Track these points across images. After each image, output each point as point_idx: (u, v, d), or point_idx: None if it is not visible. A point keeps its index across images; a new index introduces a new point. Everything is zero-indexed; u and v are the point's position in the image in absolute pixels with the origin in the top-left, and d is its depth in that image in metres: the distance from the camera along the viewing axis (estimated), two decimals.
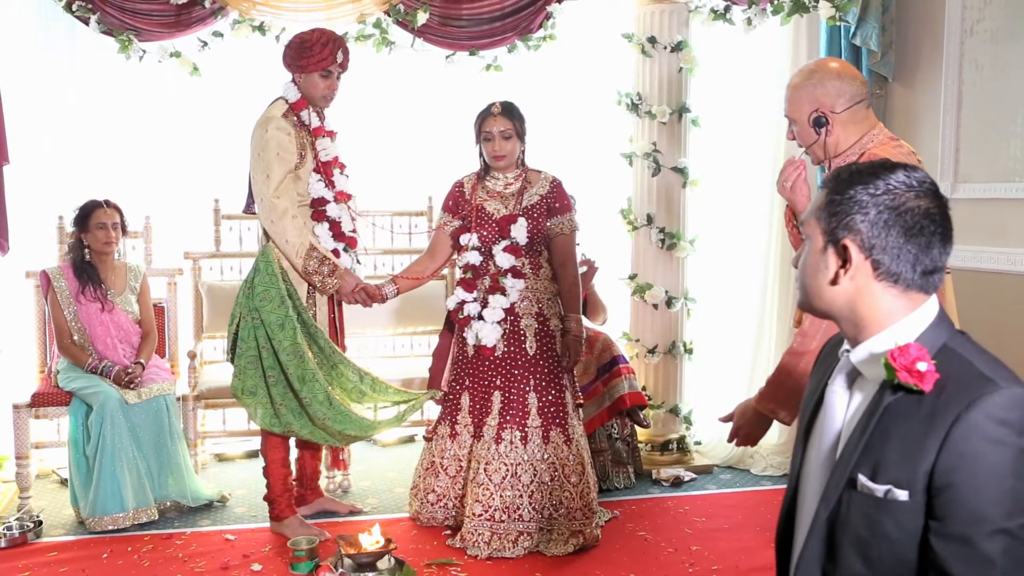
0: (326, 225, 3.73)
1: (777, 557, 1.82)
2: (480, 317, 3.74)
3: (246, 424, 4.74)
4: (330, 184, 3.72)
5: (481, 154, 3.82)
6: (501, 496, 3.62)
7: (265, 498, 3.84)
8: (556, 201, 3.80)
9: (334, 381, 3.68)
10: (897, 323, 1.55)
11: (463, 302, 3.78)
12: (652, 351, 4.75)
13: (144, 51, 4.53)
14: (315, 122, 3.73)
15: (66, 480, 4.18)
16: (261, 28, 4.55)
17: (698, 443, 4.91)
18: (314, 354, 3.64)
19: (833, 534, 1.57)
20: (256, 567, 3.51)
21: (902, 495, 1.46)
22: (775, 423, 3.15)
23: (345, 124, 5.04)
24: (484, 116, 3.76)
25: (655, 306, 4.72)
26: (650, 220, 4.69)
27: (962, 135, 4.38)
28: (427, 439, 3.95)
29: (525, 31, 4.70)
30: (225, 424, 4.77)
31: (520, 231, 3.71)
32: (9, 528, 3.76)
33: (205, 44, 4.59)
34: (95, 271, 4.18)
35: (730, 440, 2.64)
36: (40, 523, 3.86)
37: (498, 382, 3.75)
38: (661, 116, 4.61)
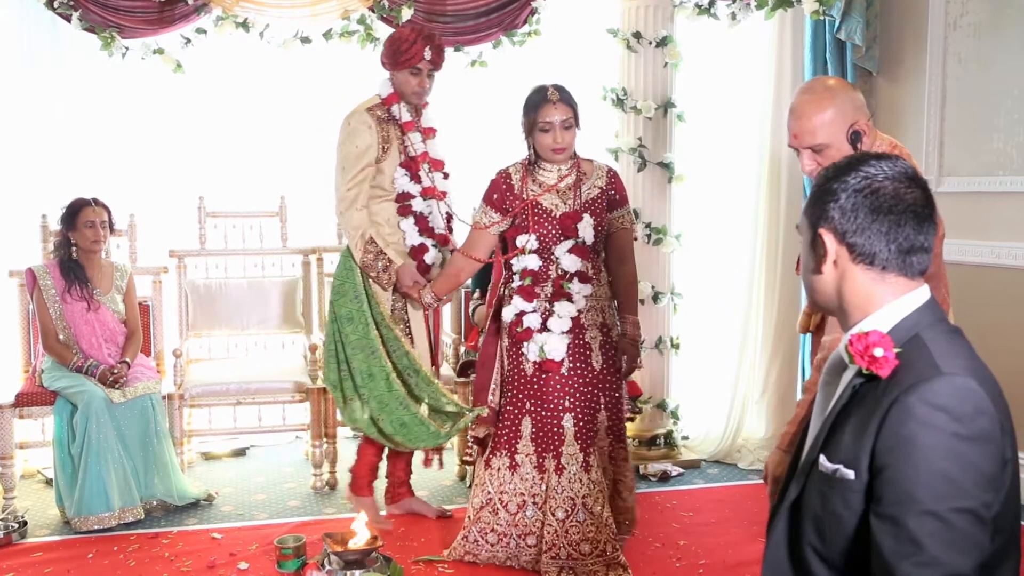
0: (411, 220, 3.68)
1: None
2: (545, 328, 3.34)
3: (232, 422, 4.76)
4: (416, 179, 3.67)
5: (531, 146, 3.42)
6: (610, 527, 3.34)
7: (350, 470, 3.94)
8: (616, 192, 3.46)
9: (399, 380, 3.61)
10: (878, 310, 1.59)
11: (523, 312, 3.37)
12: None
13: (127, 48, 4.50)
14: (406, 116, 3.69)
15: (51, 480, 4.15)
16: (245, 25, 4.53)
17: (685, 438, 4.91)
18: (388, 352, 3.59)
19: (799, 512, 1.63)
20: (243, 565, 3.49)
21: (849, 474, 1.51)
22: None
23: (332, 123, 5.04)
24: (539, 104, 3.32)
25: (642, 301, 4.70)
26: (636, 215, 4.69)
27: (946, 129, 4.40)
28: (467, 462, 3.65)
29: (510, 27, 4.69)
30: (211, 423, 4.75)
31: (587, 230, 3.33)
32: None
33: (188, 41, 4.56)
34: (82, 270, 4.16)
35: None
36: (25, 524, 3.84)
37: (567, 403, 3.35)
38: (647, 111, 4.61)
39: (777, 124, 4.63)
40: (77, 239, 4.14)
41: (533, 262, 3.37)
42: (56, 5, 4.39)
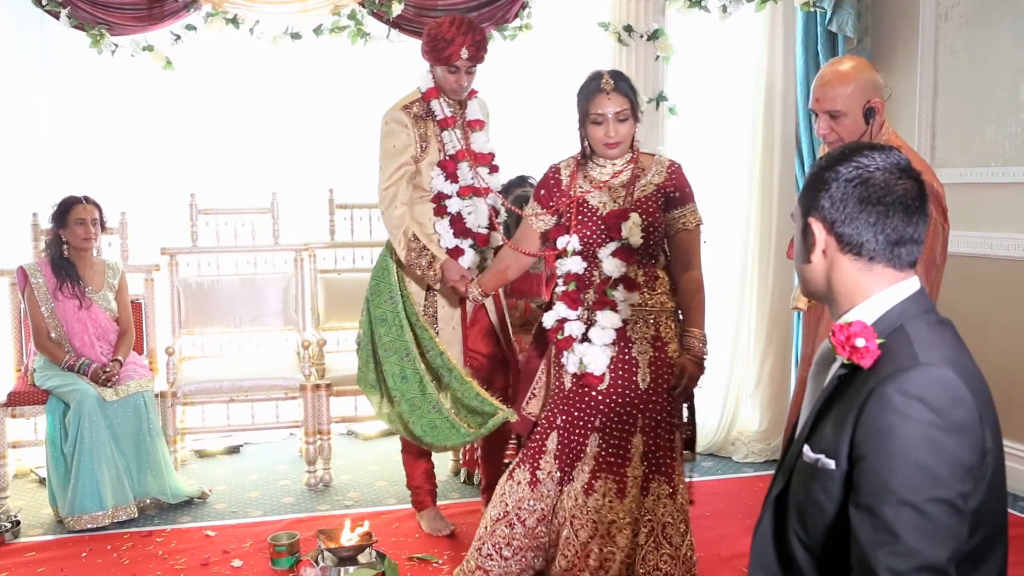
0: (446, 221, 3.53)
1: None
2: (586, 339, 3.02)
3: (225, 420, 4.75)
4: (452, 178, 3.52)
5: (583, 138, 3.11)
6: (590, 557, 3.00)
7: (407, 486, 3.89)
8: (676, 190, 3.08)
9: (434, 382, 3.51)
10: (866, 301, 1.59)
11: (564, 320, 3.06)
12: None
13: (116, 45, 4.47)
14: (445, 112, 3.54)
15: (44, 479, 4.15)
16: (234, 21, 4.50)
17: None
18: (422, 354, 3.51)
19: (786, 502, 1.64)
20: (236, 563, 3.49)
21: (830, 464, 1.52)
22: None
23: (323, 119, 5.04)
24: (592, 94, 3.01)
25: None
26: None
27: (938, 120, 4.40)
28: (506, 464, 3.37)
29: (501, 21, 4.67)
30: (204, 420, 4.74)
31: (634, 230, 2.99)
32: None
33: (178, 38, 4.53)
34: (73, 267, 4.14)
35: None
36: (18, 523, 3.83)
37: (597, 422, 3.04)
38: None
39: (769, 117, 4.62)
40: (68, 237, 4.12)
41: (576, 265, 3.06)
42: (44, 2, 4.36)
